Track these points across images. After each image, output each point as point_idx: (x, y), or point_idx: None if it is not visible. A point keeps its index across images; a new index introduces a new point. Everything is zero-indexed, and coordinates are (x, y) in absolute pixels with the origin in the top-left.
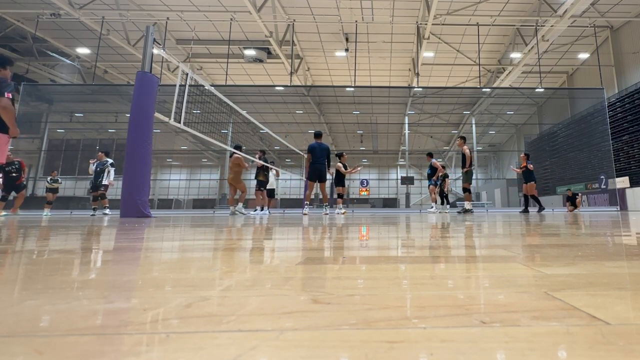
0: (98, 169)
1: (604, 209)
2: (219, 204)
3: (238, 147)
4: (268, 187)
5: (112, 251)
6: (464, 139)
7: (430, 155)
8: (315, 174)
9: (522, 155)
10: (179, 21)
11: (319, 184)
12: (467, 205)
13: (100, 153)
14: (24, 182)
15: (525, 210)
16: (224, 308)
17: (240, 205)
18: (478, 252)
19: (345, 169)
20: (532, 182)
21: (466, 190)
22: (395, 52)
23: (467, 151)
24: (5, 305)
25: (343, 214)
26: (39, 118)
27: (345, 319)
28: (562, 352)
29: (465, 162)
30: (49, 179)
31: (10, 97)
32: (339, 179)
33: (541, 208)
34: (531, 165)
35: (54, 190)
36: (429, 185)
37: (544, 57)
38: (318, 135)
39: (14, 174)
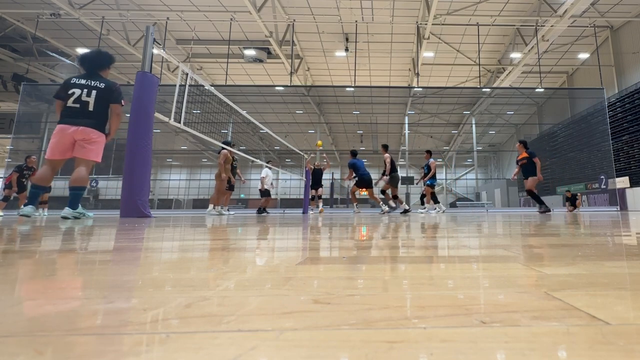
0: None
1: (604, 209)
2: None
3: (227, 143)
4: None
5: (112, 251)
6: (430, 152)
7: (429, 153)
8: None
9: (518, 144)
10: (179, 21)
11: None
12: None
13: None
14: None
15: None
16: (224, 308)
17: (211, 207)
18: (478, 252)
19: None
20: (534, 177)
21: (392, 196)
22: (395, 52)
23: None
24: (5, 305)
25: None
26: (39, 118)
27: (345, 319)
28: (562, 352)
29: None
30: None
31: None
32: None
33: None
34: (536, 159)
35: (48, 190)
36: (425, 185)
37: (544, 57)
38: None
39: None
